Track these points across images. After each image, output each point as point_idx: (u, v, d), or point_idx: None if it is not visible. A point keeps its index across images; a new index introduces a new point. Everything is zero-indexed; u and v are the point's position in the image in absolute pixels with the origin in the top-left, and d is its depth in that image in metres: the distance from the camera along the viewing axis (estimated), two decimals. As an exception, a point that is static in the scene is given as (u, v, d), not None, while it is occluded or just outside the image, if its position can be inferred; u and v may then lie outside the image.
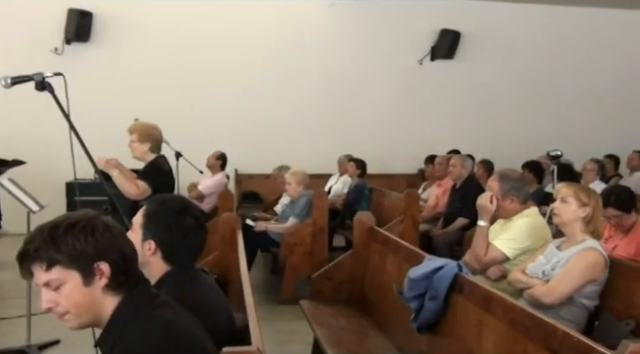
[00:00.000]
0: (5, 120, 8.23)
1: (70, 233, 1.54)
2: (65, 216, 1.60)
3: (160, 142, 4.45)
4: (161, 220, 2.09)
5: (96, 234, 1.56)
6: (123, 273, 1.61)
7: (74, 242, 1.54)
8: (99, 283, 1.59)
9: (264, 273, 6.91)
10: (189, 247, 2.14)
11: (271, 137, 9.53)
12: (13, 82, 2.75)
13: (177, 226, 2.10)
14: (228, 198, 5.66)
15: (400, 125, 10.05)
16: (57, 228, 1.55)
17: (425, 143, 9.46)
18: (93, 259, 1.56)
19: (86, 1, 9.00)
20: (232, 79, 9.44)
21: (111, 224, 1.62)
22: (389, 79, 9.98)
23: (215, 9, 9.38)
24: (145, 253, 2.08)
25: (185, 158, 6.45)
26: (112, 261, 1.58)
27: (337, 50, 9.81)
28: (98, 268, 1.58)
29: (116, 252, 1.59)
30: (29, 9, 8.83)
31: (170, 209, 2.12)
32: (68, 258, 1.54)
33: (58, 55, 9.05)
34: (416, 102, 10.12)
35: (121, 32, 9.20)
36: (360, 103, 9.91)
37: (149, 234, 2.09)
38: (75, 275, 1.56)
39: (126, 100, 8.75)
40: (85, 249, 1.55)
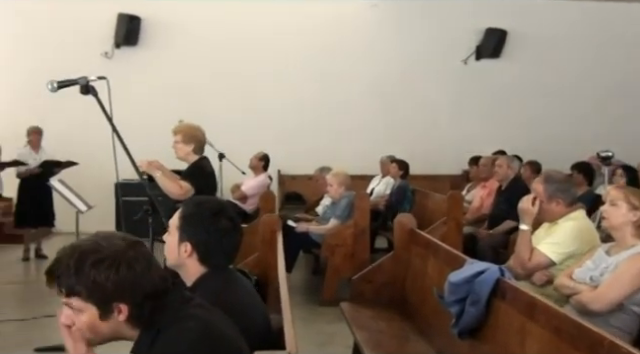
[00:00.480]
0: (59, 121, 8.48)
1: (95, 268, 1.53)
2: (98, 243, 1.58)
3: (203, 143, 4.50)
4: (198, 222, 2.10)
5: (120, 273, 1.54)
6: (144, 311, 1.58)
7: (96, 278, 1.53)
8: (117, 317, 1.58)
9: (306, 274, 6.92)
10: (225, 249, 2.14)
11: (314, 138, 9.54)
12: (59, 86, 2.82)
13: (214, 228, 2.10)
14: (270, 199, 5.69)
15: (444, 125, 9.92)
16: (84, 260, 1.54)
17: (469, 144, 9.30)
18: (113, 299, 1.55)
19: (135, 6, 9.22)
20: (275, 81, 9.50)
21: (140, 260, 1.58)
22: (433, 79, 9.86)
23: (259, 12, 9.46)
24: (181, 255, 2.09)
25: (228, 159, 6.52)
26: (132, 302, 1.57)
27: (379, 50, 9.75)
28: (117, 307, 1.57)
29: (138, 293, 1.56)
30: (81, 15, 9.10)
31: (207, 211, 2.12)
32: (87, 293, 1.54)
33: (108, 59, 9.30)
34: (461, 102, 9.97)
35: (168, 36, 9.39)
36: (403, 104, 9.82)
37: (185, 236, 2.09)
38: (92, 309, 1.56)
39: (171, 102, 8.90)
40: (105, 288, 1.54)
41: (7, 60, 8.83)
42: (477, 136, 9.62)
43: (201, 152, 4.47)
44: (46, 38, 8.95)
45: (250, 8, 9.43)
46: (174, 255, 2.11)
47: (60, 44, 8.94)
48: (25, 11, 8.97)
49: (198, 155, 4.43)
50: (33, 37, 8.95)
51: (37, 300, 5.72)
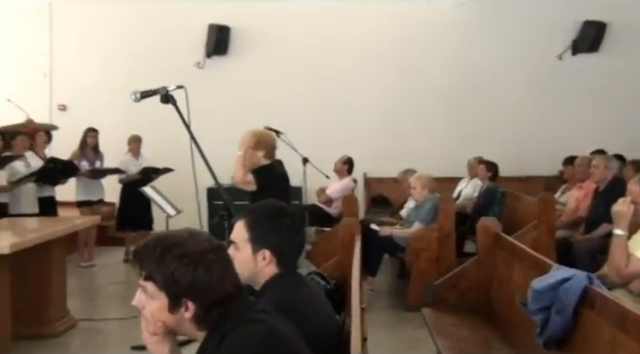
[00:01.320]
0: (156, 128, 8.91)
1: (175, 261, 1.57)
2: (185, 238, 1.61)
3: (273, 148, 4.68)
4: (268, 227, 2.09)
5: (197, 273, 1.57)
6: (210, 314, 1.60)
7: (175, 271, 1.57)
8: (184, 314, 1.61)
9: (391, 278, 6.84)
10: (298, 246, 2.15)
11: (400, 140, 9.43)
12: (142, 96, 2.96)
13: (284, 228, 2.10)
14: (352, 202, 5.69)
15: (537, 124, 9.47)
16: (168, 251, 1.59)
17: (566, 143, 8.80)
18: (184, 295, 1.59)
19: (224, 16, 9.50)
20: (361, 83, 9.49)
21: (219, 264, 1.60)
22: (524, 76, 9.45)
23: (344, 15, 9.49)
24: (259, 265, 2.08)
25: (312, 163, 6.58)
26: (200, 303, 1.59)
27: (466, 48, 9.48)
28: (186, 303, 1.60)
29: (207, 297, 1.59)
30: (174, 27, 9.51)
31: (270, 213, 2.13)
32: (162, 282, 1.59)
33: (200, 69, 9.66)
34: (555, 99, 9.48)
35: (255, 43, 9.61)
36: (492, 102, 9.49)
37: (259, 245, 2.07)
38: (164, 299, 1.60)
39: (259, 107, 9.11)
40: (180, 283, 1.57)
41: (105, 73, 9.38)
42: (574, 135, 9.10)
43: (272, 156, 4.62)
44: (141, 51, 9.40)
45: (336, 13, 9.48)
46: (249, 268, 2.08)
47: (154, 55, 9.36)
48: (120, 25, 9.49)
49: (269, 160, 4.57)
50: (128, 50, 9.43)
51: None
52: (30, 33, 9.45)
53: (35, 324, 4.75)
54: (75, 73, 9.45)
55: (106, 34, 9.48)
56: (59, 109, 9.54)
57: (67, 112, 9.50)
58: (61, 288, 5.16)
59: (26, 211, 6.20)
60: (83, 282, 6.89)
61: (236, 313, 1.63)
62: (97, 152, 7.70)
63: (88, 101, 9.34)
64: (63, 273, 5.25)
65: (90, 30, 9.48)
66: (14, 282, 4.45)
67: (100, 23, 9.49)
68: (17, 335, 4.46)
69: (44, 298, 4.88)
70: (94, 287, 6.89)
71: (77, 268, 7.33)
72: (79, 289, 6.36)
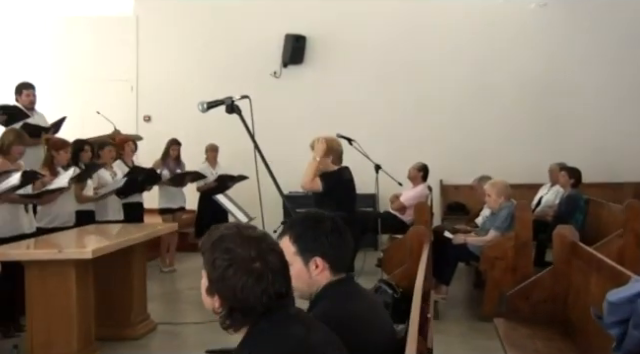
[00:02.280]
0: (233, 138, 9.15)
1: (221, 252, 1.62)
2: (236, 236, 1.64)
3: (340, 153, 4.76)
4: (311, 235, 2.08)
5: (227, 272, 1.60)
6: (232, 317, 1.63)
7: (216, 260, 1.62)
8: (215, 303, 1.65)
9: (467, 287, 6.66)
10: (346, 247, 2.13)
11: (478, 145, 9.20)
12: (208, 107, 3.04)
13: (328, 232, 2.09)
14: (424, 210, 5.59)
15: (625, 128, 8.95)
16: (223, 240, 1.64)
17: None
18: (215, 287, 1.63)
19: (300, 26, 9.66)
20: (436, 90, 9.36)
21: (257, 274, 1.60)
22: (613, 78, 8.98)
23: (419, 22, 9.41)
24: (313, 274, 2.07)
25: (384, 170, 6.52)
26: (223, 301, 1.63)
27: (547, 51, 9.13)
28: (215, 297, 1.64)
29: (229, 299, 1.61)
30: (252, 38, 9.77)
31: (310, 221, 2.13)
32: (206, 264, 1.66)
33: (277, 78, 9.85)
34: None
35: (331, 52, 9.71)
36: (574, 107, 9.07)
37: (310, 254, 2.07)
38: (205, 282, 1.67)
39: (333, 115, 9.17)
40: (214, 273, 1.62)
41: (186, 85, 9.73)
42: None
43: (339, 162, 4.68)
44: (220, 62, 9.72)
45: (412, 19, 9.42)
46: (305, 281, 2.07)
47: (233, 66, 9.63)
48: (201, 38, 9.84)
49: (337, 165, 4.62)
50: (208, 62, 9.76)
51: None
52: (118, 47, 9.99)
53: (117, 326, 4.98)
54: (159, 85, 9.89)
55: (188, 47, 9.87)
56: (144, 120, 10.01)
57: (151, 123, 9.95)
58: (142, 292, 5.38)
59: (112, 218, 6.51)
60: (164, 287, 7.16)
61: (265, 323, 1.63)
62: (179, 162, 7.99)
63: (171, 112, 9.74)
64: (144, 278, 5.48)
65: (173, 44, 9.91)
66: (98, 286, 4.69)
67: (182, 37, 9.89)
68: (100, 336, 4.69)
69: (126, 302, 5.10)
70: (174, 292, 7.14)
71: (159, 273, 7.64)
72: (160, 293, 6.61)
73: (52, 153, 5.63)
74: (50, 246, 4.63)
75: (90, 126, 8.06)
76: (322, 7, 9.61)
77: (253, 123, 3.03)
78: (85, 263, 4.37)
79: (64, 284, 4.25)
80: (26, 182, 4.81)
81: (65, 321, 4.24)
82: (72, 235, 5.29)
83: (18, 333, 4.99)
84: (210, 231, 1.70)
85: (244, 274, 1.60)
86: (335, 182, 4.52)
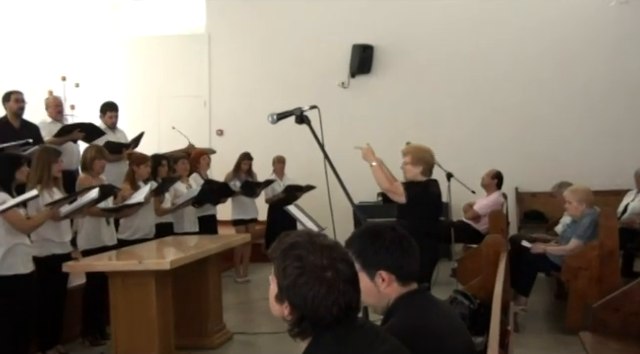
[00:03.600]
0: (302, 149, 9.24)
1: (293, 260, 1.60)
2: (308, 244, 1.62)
3: (432, 165, 4.50)
4: (373, 248, 2.03)
5: (299, 280, 1.58)
6: (301, 326, 1.61)
7: (287, 267, 1.60)
8: (284, 310, 1.63)
9: (548, 298, 6.39)
10: (411, 257, 2.07)
11: (556, 150, 8.85)
12: (278, 118, 3.07)
13: (389, 243, 2.04)
14: (499, 219, 5.43)
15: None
16: (295, 247, 1.62)
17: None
18: (285, 295, 1.61)
19: (368, 36, 9.67)
20: (508, 94, 9.10)
21: (328, 284, 1.58)
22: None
23: (487, 26, 9.21)
24: (380, 288, 2.03)
25: (456, 178, 6.39)
26: (292, 310, 1.60)
27: (629, 50, 8.69)
28: (285, 304, 1.62)
29: (299, 308, 1.59)
30: (320, 50, 9.85)
31: (370, 235, 2.07)
32: (276, 270, 1.63)
33: (345, 88, 9.88)
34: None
35: (398, 61, 9.66)
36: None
37: (373, 269, 2.03)
38: (275, 289, 1.65)
39: (401, 123, 9.10)
40: (283, 281, 1.60)
41: (256, 98, 9.92)
42: None
43: (429, 174, 4.47)
44: (288, 75, 9.85)
45: (480, 24, 9.23)
46: (373, 296, 2.04)
47: (301, 78, 9.74)
48: (270, 52, 10.02)
49: (426, 177, 4.44)
50: (277, 75, 9.92)
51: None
52: (191, 64, 10.33)
53: (194, 336, 5.09)
54: (230, 100, 10.15)
55: (257, 61, 10.08)
56: (217, 134, 10.28)
57: (224, 137, 10.20)
58: (218, 302, 5.49)
59: (188, 230, 6.69)
60: (238, 297, 7.27)
61: (328, 337, 1.60)
62: (250, 175, 8.13)
63: (242, 125, 9.96)
64: (219, 288, 5.58)
65: (243, 58, 10.14)
66: (176, 296, 4.80)
67: (252, 51, 10.11)
68: (179, 346, 4.80)
69: (202, 312, 5.20)
70: (248, 302, 7.24)
71: (233, 283, 7.77)
72: (235, 304, 6.72)
73: (133, 168, 5.85)
74: (131, 257, 4.80)
75: (166, 141, 8.36)
76: (388, 16, 9.59)
77: (322, 133, 3.03)
78: (164, 274, 4.49)
79: (145, 294, 4.38)
80: (104, 196, 5.01)
81: (147, 330, 4.37)
82: (152, 247, 5.47)
83: (104, 341, 5.20)
84: (280, 238, 1.68)
85: (315, 283, 1.57)
86: (420, 194, 4.30)
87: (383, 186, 4.31)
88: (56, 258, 4.66)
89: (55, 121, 6.39)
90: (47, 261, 4.63)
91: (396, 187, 4.31)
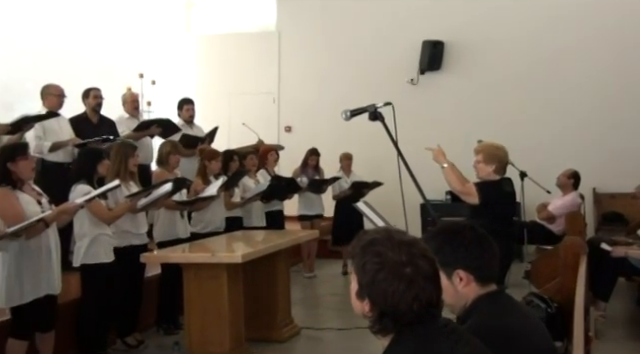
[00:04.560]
0: (368, 146, 9.21)
1: (372, 256, 1.59)
2: (387, 240, 1.61)
3: (505, 164, 4.36)
4: (452, 246, 1.99)
5: (378, 276, 1.57)
6: (383, 322, 1.59)
7: (366, 264, 1.59)
8: (365, 307, 1.62)
9: (629, 304, 6.10)
10: (491, 257, 2.02)
11: (636, 150, 8.42)
12: (352, 114, 3.07)
13: (468, 242, 2.00)
14: (577, 220, 5.23)
15: None
16: (374, 244, 1.61)
17: None
18: (365, 291, 1.60)
19: (438, 32, 9.52)
20: (586, 87, 8.75)
21: (407, 280, 1.56)
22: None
23: (562, 17, 8.88)
24: (459, 288, 2.00)
25: (530, 178, 6.20)
26: (372, 306, 1.59)
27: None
28: (365, 301, 1.61)
29: (380, 303, 1.58)
30: (389, 46, 9.78)
31: (448, 233, 2.03)
32: (356, 267, 1.63)
33: (413, 85, 9.77)
34: None
35: (470, 57, 9.46)
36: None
37: (450, 268, 1.99)
38: (355, 286, 1.64)
39: (472, 122, 8.90)
40: (363, 277, 1.59)
41: (324, 95, 9.95)
42: None
43: (503, 173, 4.33)
44: (356, 71, 9.83)
45: (554, 15, 8.92)
46: (451, 295, 2.00)
47: (369, 75, 9.70)
48: (338, 48, 10.02)
49: (499, 176, 4.31)
50: (345, 72, 9.91)
51: (353, 311, 6.23)
52: (261, 62, 10.47)
53: (263, 329, 5.17)
54: (299, 97, 10.23)
55: (326, 58, 10.11)
56: (285, 130, 10.40)
57: (292, 133, 10.30)
58: (286, 297, 5.55)
59: (256, 224, 6.80)
60: (305, 292, 7.33)
61: (410, 335, 1.59)
62: (317, 171, 8.18)
63: (310, 122, 10.03)
64: (288, 283, 5.65)
65: (312, 56, 10.20)
66: (245, 289, 4.89)
67: (321, 49, 10.15)
68: (248, 338, 4.89)
69: (271, 305, 5.28)
70: (315, 297, 7.29)
71: (300, 279, 7.84)
72: (301, 299, 6.78)
73: (205, 163, 6.00)
74: (204, 250, 4.92)
75: (236, 137, 8.52)
76: (460, 11, 9.41)
77: (396, 130, 3.00)
78: (235, 267, 4.58)
79: (217, 286, 4.49)
80: (177, 189, 5.15)
81: (218, 321, 4.48)
82: (222, 240, 5.58)
83: (177, 330, 5.37)
84: (360, 235, 1.67)
85: (395, 279, 1.56)
86: (493, 194, 4.17)
87: (455, 188, 4.20)
88: (134, 249, 4.85)
89: (132, 117, 6.60)
90: (126, 251, 4.82)
91: (469, 188, 4.20)
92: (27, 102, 7.11)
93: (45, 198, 4.02)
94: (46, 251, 3.88)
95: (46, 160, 5.55)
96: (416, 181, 2.88)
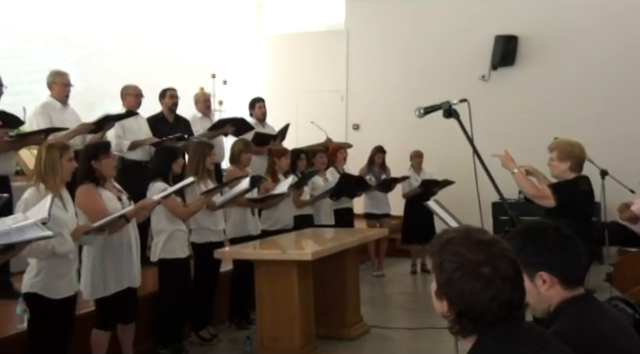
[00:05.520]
0: (437, 144, 9.06)
1: (450, 254, 1.57)
2: (465, 240, 1.59)
3: (581, 161, 4.17)
4: (535, 247, 1.92)
5: (454, 274, 1.55)
6: (459, 321, 1.56)
7: (444, 262, 1.57)
8: (443, 306, 1.59)
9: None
10: (576, 258, 1.94)
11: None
12: (425, 112, 3.01)
13: (552, 243, 1.92)
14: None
15: None
16: (452, 242, 1.60)
17: None
18: (442, 289, 1.59)
19: (512, 26, 9.25)
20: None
21: (485, 279, 1.53)
22: None
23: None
24: (541, 290, 1.92)
25: (612, 176, 5.92)
26: (450, 307, 1.57)
27: None
28: (443, 300, 1.59)
29: (457, 303, 1.55)
30: (459, 42, 9.57)
31: (531, 233, 1.96)
32: (434, 266, 1.61)
33: (485, 82, 9.54)
34: None
35: (545, 52, 9.14)
36: None
37: (533, 269, 1.92)
38: (434, 285, 1.62)
39: (547, 118, 8.61)
40: (443, 275, 1.58)
41: (392, 92, 9.86)
42: None
43: (579, 170, 4.13)
44: (426, 68, 9.68)
45: (634, 8, 8.47)
46: (533, 297, 1.94)
47: (439, 71, 9.54)
48: (407, 45, 9.90)
49: (575, 173, 4.12)
50: (414, 69, 9.78)
51: (423, 311, 6.18)
52: (330, 60, 10.51)
53: (333, 326, 5.19)
54: (367, 94, 10.20)
55: (394, 55, 10.02)
56: (353, 128, 10.39)
57: (359, 131, 10.29)
58: (355, 295, 5.55)
59: (324, 222, 6.83)
60: (374, 291, 7.31)
61: (494, 338, 1.54)
62: (384, 168, 8.13)
63: (378, 120, 9.98)
64: (357, 281, 5.65)
65: (381, 53, 10.14)
66: (315, 287, 4.93)
67: (390, 46, 10.08)
68: (318, 335, 4.92)
69: (341, 303, 5.29)
70: (384, 296, 7.25)
71: (368, 277, 7.81)
72: (370, 297, 6.75)
73: (274, 160, 6.09)
74: (274, 247, 5.00)
75: (304, 135, 8.58)
76: (535, 5, 9.12)
77: (471, 127, 2.93)
78: (305, 264, 4.63)
79: (288, 283, 4.55)
80: (254, 185, 5.25)
81: (289, 318, 4.54)
82: (292, 238, 5.65)
83: (249, 326, 5.48)
84: (439, 234, 1.67)
85: (471, 278, 1.54)
86: (570, 194, 4.01)
87: (529, 193, 4.05)
88: (211, 245, 4.98)
89: (204, 116, 6.77)
90: (204, 248, 4.97)
91: (543, 191, 4.03)
92: (107, 102, 7.46)
93: (125, 195, 4.17)
94: (127, 246, 4.04)
95: (126, 158, 5.76)
96: (493, 179, 2.81)
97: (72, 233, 3.62)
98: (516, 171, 4.05)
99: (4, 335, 3.72)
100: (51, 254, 3.44)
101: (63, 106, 5.24)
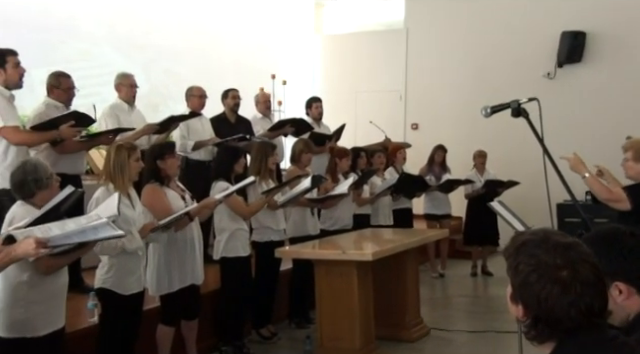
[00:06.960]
0: (500, 143, 8.84)
1: (525, 257, 1.52)
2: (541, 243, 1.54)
3: None
4: (609, 255, 1.81)
5: (529, 277, 1.49)
6: (535, 327, 1.51)
7: (519, 265, 1.52)
8: (518, 311, 1.54)
9: None
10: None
11: None
12: (492, 111, 2.94)
13: (630, 251, 1.81)
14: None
15: None
16: (527, 244, 1.55)
17: None
18: (516, 293, 1.53)
19: (579, 22, 8.96)
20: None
21: (562, 283, 1.47)
22: None
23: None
24: (616, 300, 1.82)
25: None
26: (526, 311, 1.52)
27: None
28: (519, 304, 1.53)
29: (533, 308, 1.50)
30: (523, 39, 9.32)
31: (606, 240, 1.85)
32: (509, 268, 1.56)
33: (550, 79, 9.25)
34: None
35: (614, 48, 8.80)
36: None
37: (609, 278, 1.77)
38: (510, 289, 1.57)
39: (617, 117, 8.27)
40: (515, 279, 1.53)
41: (453, 91, 9.71)
42: None
43: None
44: (488, 66, 9.50)
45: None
46: (611, 305, 1.77)
47: (501, 69, 9.35)
48: (469, 43, 9.73)
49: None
50: (476, 67, 9.61)
51: (484, 314, 6.07)
52: (389, 59, 10.45)
53: (393, 327, 5.15)
54: (426, 94, 10.08)
55: (454, 54, 9.86)
56: (412, 128, 10.29)
57: (418, 130, 10.17)
58: (415, 296, 5.49)
59: (383, 223, 6.79)
60: (434, 292, 7.21)
61: (573, 346, 1.48)
62: (444, 168, 8.00)
63: (437, 119, 9.84)
64: (417, 282, 5.59)
65: (441, 51, 10.00)
66: (375, 288, 4.89)
67: (449, 44, 9.92)
68: (377, 336, 4.89)
69: (400, 304, 5.25)
70: (444, 297, 7.15)
71: (428, 278, 7.72)
72: (430, 298, 6.67)
73: (336, 161, 6.09)
74: (334, 247, 5.00)
75: (362, 135, 8.55)
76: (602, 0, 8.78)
77: (542, 127, 2.85)
78: (365, 265, 4.61)
79: (347, 283, 4.54)
80: (315, 185, 5.27)
81: (349, 318, 4.52)
82: (351, 238, 5.64)
83: (308, 325, 5.50)
84: (514, 236, 1.61)
85: (548, 282, 1.48)
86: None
87: (602, 196, 3.89)
88: (272, 244, 5.03)
89: (264, 117, 6.84)
90: (265, 246, 5.03)
91: (617, 194, 3.89)
92: (171, 103, 7.66)
93: (188, 194, 4.26)
94: (190, 243, 4.13)
95: (189, 158, 5.89)
96: (564, 180, 2.72)
97: (140, 230, 3.73)
98: (587, 175, 3.91)
99: (76, 328, 3.86)
100: (121, 251, 3.56)
101: (130, 107, 5.39)
